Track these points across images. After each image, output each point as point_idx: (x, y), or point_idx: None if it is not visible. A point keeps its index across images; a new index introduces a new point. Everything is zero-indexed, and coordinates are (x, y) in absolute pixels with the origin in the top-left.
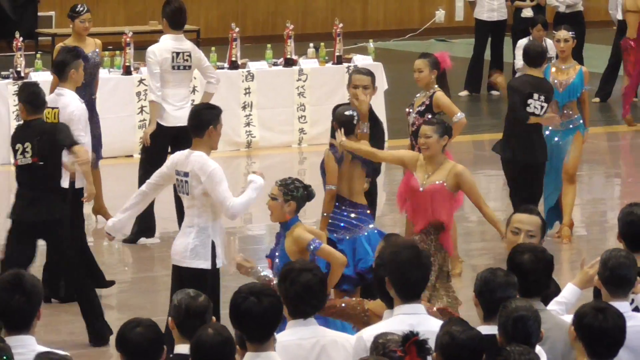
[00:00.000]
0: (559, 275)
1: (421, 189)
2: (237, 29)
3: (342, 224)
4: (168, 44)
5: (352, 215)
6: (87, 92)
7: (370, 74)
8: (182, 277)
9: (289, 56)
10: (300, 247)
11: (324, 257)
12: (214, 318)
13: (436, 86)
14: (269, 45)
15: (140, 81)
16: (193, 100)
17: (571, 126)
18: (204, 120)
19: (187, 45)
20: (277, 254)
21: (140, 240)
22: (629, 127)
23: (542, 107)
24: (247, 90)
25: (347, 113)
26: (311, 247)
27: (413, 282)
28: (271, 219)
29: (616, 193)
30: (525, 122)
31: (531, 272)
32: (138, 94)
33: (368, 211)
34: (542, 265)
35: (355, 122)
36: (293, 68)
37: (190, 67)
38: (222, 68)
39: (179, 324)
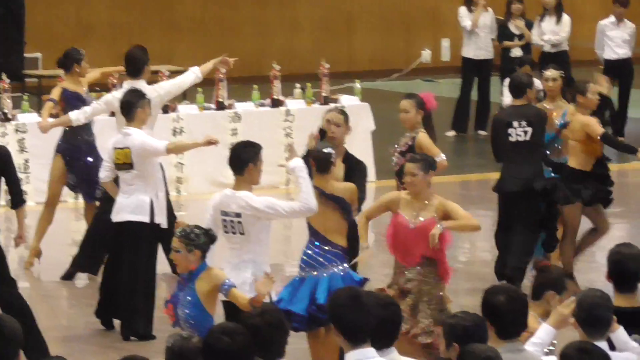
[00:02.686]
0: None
1: (412, 226)
2: (223, 70)
3: (305, 259)
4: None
5: (322, 252)
6: (86, 132)
7: (344, 114)
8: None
9: (275, 97)
10: (214, 284)
11: (231, 299)
12: None
13: (421, 127)
14: (255, 86)
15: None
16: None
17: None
18: (244, 159)
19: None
20: (182, 300)
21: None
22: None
23: (525, 132)
24: (234, 131)
25: (325, 150)
26: (224, 286)
27: (356, 326)
28: (178, 271)
29: (616, 233)
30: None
31: (508, 313)
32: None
33: (341, 252)
34: (518, 305)
35: (332, 159)
36: (280, 109)
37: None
38: (209, 109)
39: None
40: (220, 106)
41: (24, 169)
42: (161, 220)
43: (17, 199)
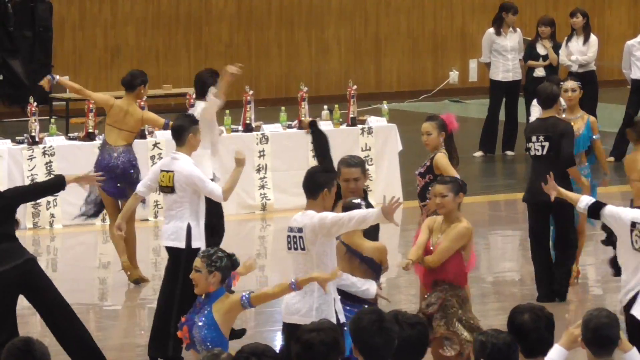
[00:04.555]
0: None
1: (431, 247)
2: (251, 92)
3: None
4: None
5: (347, 307)
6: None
7: (360, 164)
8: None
9: (303, 118)
10: (232, 303)
11: (259, 301)
12: None
13: (442, 148)
14: (282, 108)
15: (155, 145)
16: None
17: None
18: (319, 183)
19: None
20: (199, 323)
21: None
22: None
23: (542, 147)
24: (262, 153)
25: (354, 202)
26: (244, 299)
27: (378, 349)
28: (196, 291)
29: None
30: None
31: (533, 331)
32: (152, 157)
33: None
34: (543, 323)
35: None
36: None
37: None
38: (237, 131)
39: None
40: (248, 128)
41: None
42: (200, 245)
43: None
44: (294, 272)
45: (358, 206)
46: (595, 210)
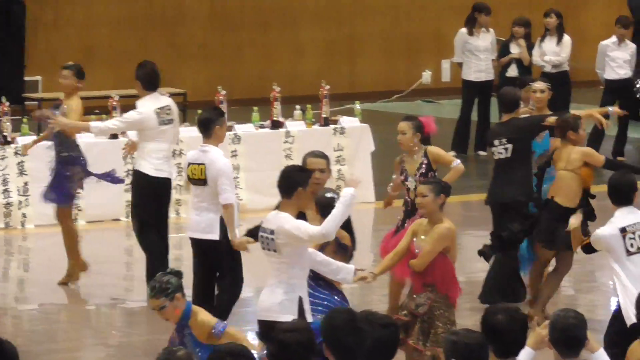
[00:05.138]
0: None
1: (417, 251)
2: (223, 92)
3: (325, 304)
4: (147, 104)
5: (336, 297)
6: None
7: (326, 157)
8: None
9: (275, 118)
10: (207, 332)
11: (230, 339)
12: None
13: (421, 147)
14: (255, 108)
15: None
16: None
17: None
18: (293, 182)
19: (165, 100)
20: (188, 348)
21: None
22: None
23: (505, 149)
24: (234, 153)
25: (327, 195)
26: (215, 331)
27: (349, 347)
28: (172, 323)
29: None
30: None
31: (507, 332)
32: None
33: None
34: (518, 325)
35: (333, 205)
36: (280, 130)
37: (172, 120)
38: None
39: None
40: None
41: (23, 192)
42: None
43: None
44: (271, 268)
45: (332, 200)
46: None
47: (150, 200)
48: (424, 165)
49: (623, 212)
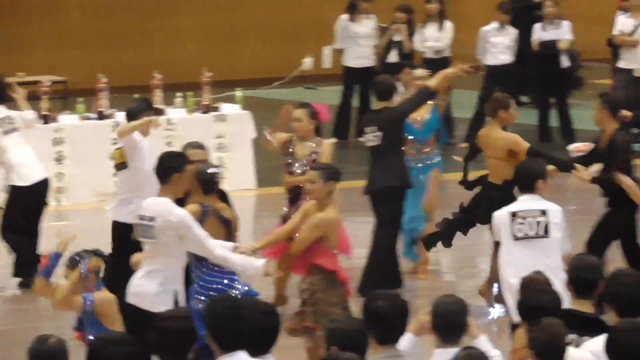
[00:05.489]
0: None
1: (296, 234)
2: (104, 80)
3: (215, 289)
4: None
5: (225, 281)
6: None
7: (205, 148)
8: (139, 318)
9: (156, 106)
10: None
11: (103, 304)
12: None
13: (315, 137)
14: (136, 95)
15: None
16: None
17: (428, 162)
18: (169, 167)
19: (4, 111)
20: (89, 327)
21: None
22: None
23: (376, 137)
24: (115, 141)
25: (209, 171)
26: (87, 304)
27: (230, 334)
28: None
29: (485, 238)
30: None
31: (387, 319)
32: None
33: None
34: (397, 310)
35: (216, 179)
36: (161, 118)
37: (16, 128)
38: (90, 119)
39: None
40: (102, 116)
41: None
42: None
43: None
44: (147, 257)
45: (213, 175)
46: None
47: (26, 210)
48: (314, 155)
49: (523, 199)
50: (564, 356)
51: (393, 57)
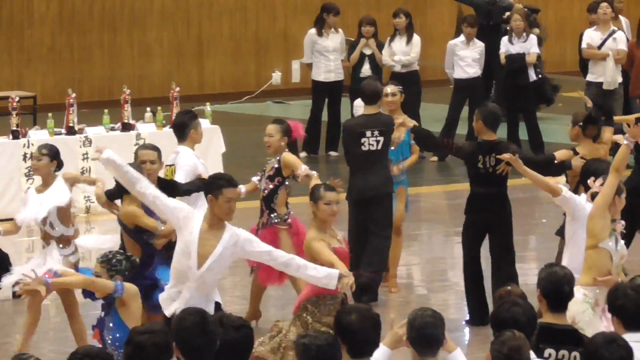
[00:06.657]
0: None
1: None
2: (73, 95)
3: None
4: None
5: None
6: None
7: (157, 150)
8: None
9: (126, 121)
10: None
11: (131, 296)
12: None
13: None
14: (106, 111)
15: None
16: None
17: (396, 180)
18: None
19: None
20: (109, 324)
21: None
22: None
23: (377, 141)
24: (85, 156)
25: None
26: (115, 295)
27: (198, 348)
28: (97, 295)
29: (456, 252)
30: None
31: (360, 332)
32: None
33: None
34: (370, 323)
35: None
36: (131, 133)
37: None
38: (60, 134)
39: None
40: (71, 131)
41: None
42: None
43: None
44: None
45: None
46: None
47: None
48: (274, 169)
49: None
50: None
51: (365, 71)
